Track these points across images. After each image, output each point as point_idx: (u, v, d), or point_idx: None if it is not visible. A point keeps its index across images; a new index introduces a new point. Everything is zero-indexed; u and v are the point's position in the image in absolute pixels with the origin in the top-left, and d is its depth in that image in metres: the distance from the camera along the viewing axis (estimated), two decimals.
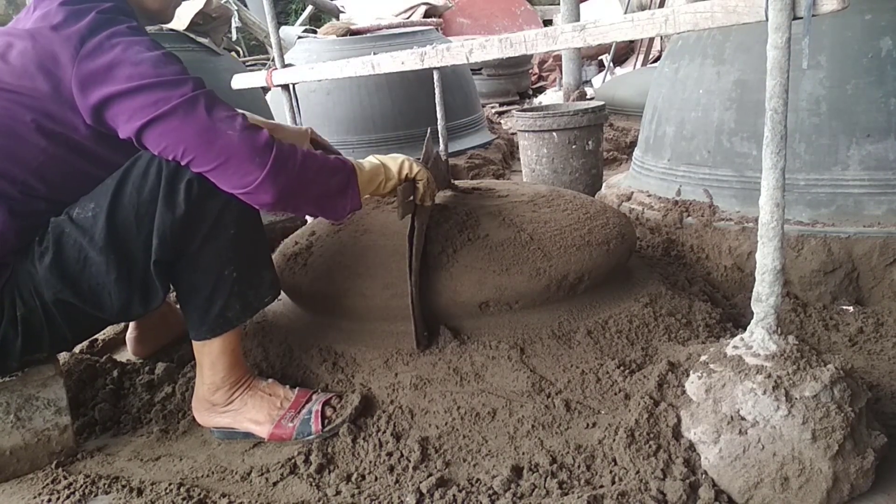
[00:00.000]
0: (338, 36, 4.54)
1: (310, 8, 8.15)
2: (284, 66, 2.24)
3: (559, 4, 4.65)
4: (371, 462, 1.31)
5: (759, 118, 1.23)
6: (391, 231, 1.68)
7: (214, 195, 1.29)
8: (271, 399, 1.46)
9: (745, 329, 1.22)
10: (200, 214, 1.31)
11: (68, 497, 1.30)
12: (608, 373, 1.44)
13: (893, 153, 1.80)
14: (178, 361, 1.76)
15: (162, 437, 1.50)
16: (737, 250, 1.95)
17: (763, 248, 1.15)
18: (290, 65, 2.35)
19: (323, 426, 1.40)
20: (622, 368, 1.44)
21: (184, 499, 1.26)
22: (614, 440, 1.22)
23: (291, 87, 2.22)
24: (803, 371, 1.12)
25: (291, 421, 1.42)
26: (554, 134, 2.90)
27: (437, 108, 2.25)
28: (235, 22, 6.02)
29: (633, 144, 3.16)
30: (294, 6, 10.86)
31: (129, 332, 1.87)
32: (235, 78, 2.25)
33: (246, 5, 7.28)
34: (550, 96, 5.80)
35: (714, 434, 1.14)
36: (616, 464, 1.20)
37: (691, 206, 2.11)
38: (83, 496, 1.31)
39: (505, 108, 5.90)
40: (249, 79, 2.25)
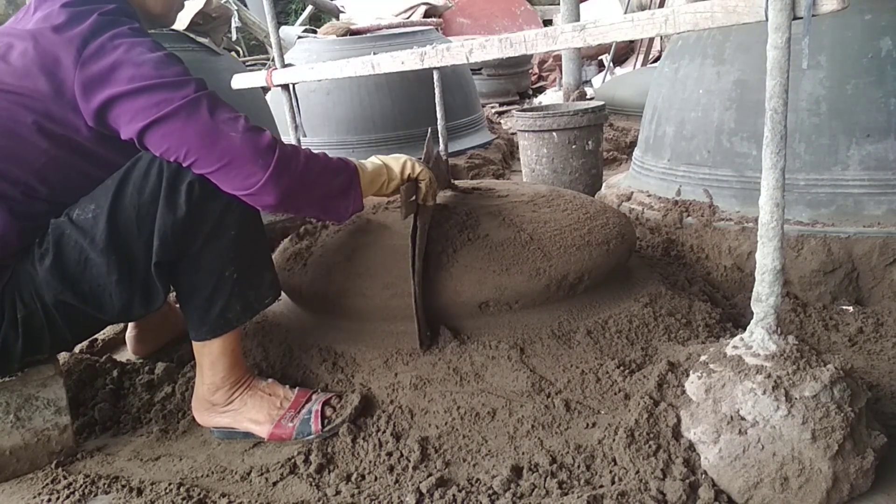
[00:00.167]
0: (338, 36, 4.54)
1: (310, 8, 8.15)
2: (284, 66, 2.24)
3: (559, 4, 4.65)
4: (371, 462, 1.31)
5: (759, 118, 1.23)
6: (391, 231, 1.69)
7: (216, 196, 1.29)
8: (271, 399, 1.46)
9: (745, 329, 1.22)
10: (202, 215, 1.31)
11: (68, 497, 1.30)
12: (608, 373, 1.44)
13: (893, 153, 1.80)
14: (178, 361, 1.76)
15: (162, 436, 1.50)
16: (737, 250, 1.95)
17: (763, 248, 1.15)
18: (290, 65, 2.34)
19: (323, 426, 1.40)
20: (622, 368, 1.44)
21: (183, 499, 1.26)
22: (614, 440, 1.22)
23: (291, 87, 2.22)
24: (803, 371, 1.12)
25: (291, 421, 1.42)
26: (554, 134, 2.90)
27: (437, 108, 2.24)
28: (235, 22, 6.02)
29: (633, 144, 3.16)
30: (294, 6, 10.86)
31: (129, 332, 1.87)
32: (235, 78, 2.25)
33: (246, 5, 7.27)
34: (550, 96, 5.80)
35: (714, 434, 1.14)
36: (616, 464, 1.20)
37: (691, 206, 2.11)
38: (83, 496, 1.31)
39: (505, 108, 5.89)
40: (249, 79, 2.25)
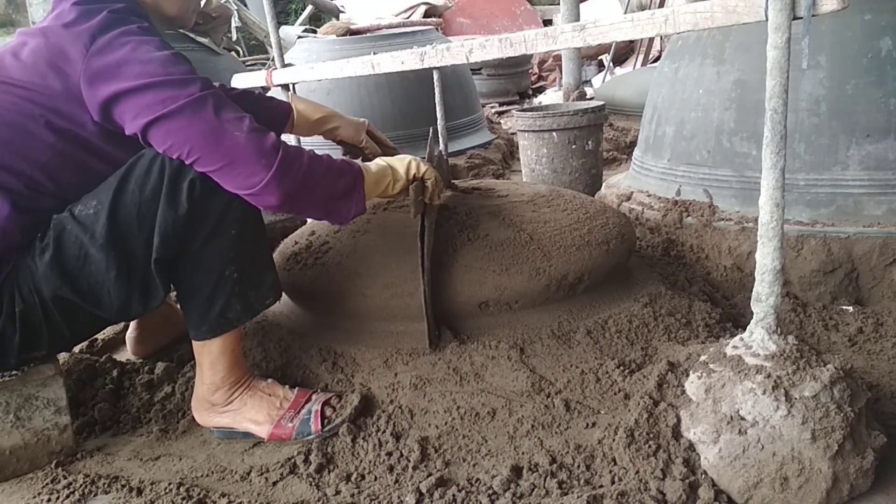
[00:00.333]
0: (338, 36, 4.53)
1: (310, 8, 8.15)
2: (284, 65, 2.24)
3: (559, 4, 4.65)
4: (371, 462, 1.31)
5: (759, 118, 1.23)
6: (391, 231, 1.69)
7: (217, 194, 1.29)
8: (271, 399, 1.46)
9: (745, 329, 1.22)
10: (203, 213, 1.31)
11: (68, 497, 1.30)
12: (608, 373, 1.44)
13: (893, 153, 1.80)
14: (178, 361, 1.76)
15: (161, 436, 1.50)
16: (737, 250, 1.95)
17: (763, 248, 1.15)
18: (289, 64, 2.35)
19: (322, 426, 1.40)
20: (622, 368, 1.44)
21: (183, 498, 1.26)
22: (614, 440, 1.22)
23: (291, 86, 2.22)
24: (803, 371, 1.12)
25: (291, 421, 1.42)
26: (554, 134, 2.90)
27: (437, 108, 2.24)
28: (235, 22, 6.01)
29: (633, 144, 3.16)
30: (294, 6, 10.85)
31: (129, 332, 1.87)
32: (235, 78, 2.25)
33: (246, 5, 7.27)
34: (550, 96, 5.79)
35: (714, 434, 1.14)
36: (616, 464, 1.20)
37: (691, 206, 2.11)
38: (83, 496, 1.31)
39: (505, 108, 5.89)
40: (249, 78, 2.25)
